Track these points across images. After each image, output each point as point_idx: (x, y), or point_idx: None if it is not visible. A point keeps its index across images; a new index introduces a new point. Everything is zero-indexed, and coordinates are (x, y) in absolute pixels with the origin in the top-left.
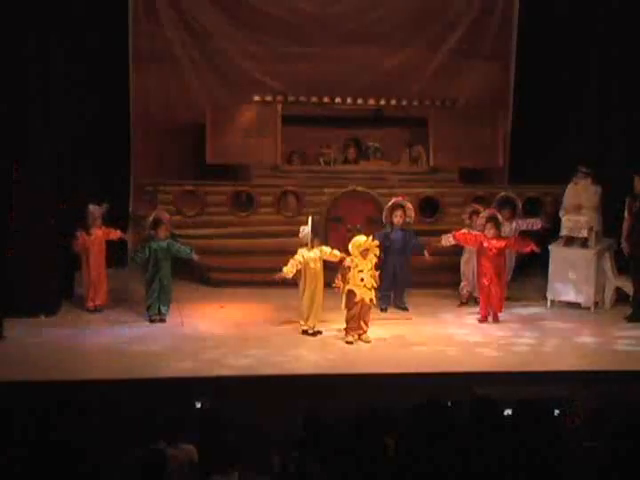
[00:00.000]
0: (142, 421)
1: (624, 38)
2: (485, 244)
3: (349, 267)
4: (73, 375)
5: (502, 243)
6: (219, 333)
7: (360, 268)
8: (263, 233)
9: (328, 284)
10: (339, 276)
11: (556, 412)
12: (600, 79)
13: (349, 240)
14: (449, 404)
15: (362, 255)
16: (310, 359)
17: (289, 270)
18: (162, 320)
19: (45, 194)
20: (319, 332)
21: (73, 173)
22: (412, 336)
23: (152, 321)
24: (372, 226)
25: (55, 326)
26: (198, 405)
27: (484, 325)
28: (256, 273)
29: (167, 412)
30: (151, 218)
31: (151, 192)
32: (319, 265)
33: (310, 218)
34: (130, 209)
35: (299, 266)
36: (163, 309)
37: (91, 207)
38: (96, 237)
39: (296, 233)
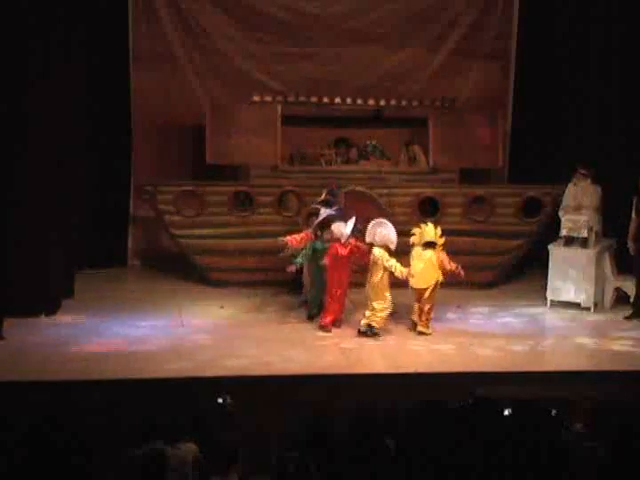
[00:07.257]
0: (142, 421)
1: (624, 37)
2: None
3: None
4: (73, 375)
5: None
6: (219, 333)
7: None
8: (263, 233)
9: None
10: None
11: (554, 412)
12: (600, 78)
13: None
14: (449, 404)
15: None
16: (310, 359)
17: None
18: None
19: (45, 194)
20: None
21: (73, 173)
22: (412, 336)
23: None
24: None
25: (55, 326)
26: (220, 400)
27: (484, 325)
28: (256, 273)
29: (167, 412)
30: (321, 219)
31: (150, 192)
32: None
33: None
34: (130, 209)
35: None
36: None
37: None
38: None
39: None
